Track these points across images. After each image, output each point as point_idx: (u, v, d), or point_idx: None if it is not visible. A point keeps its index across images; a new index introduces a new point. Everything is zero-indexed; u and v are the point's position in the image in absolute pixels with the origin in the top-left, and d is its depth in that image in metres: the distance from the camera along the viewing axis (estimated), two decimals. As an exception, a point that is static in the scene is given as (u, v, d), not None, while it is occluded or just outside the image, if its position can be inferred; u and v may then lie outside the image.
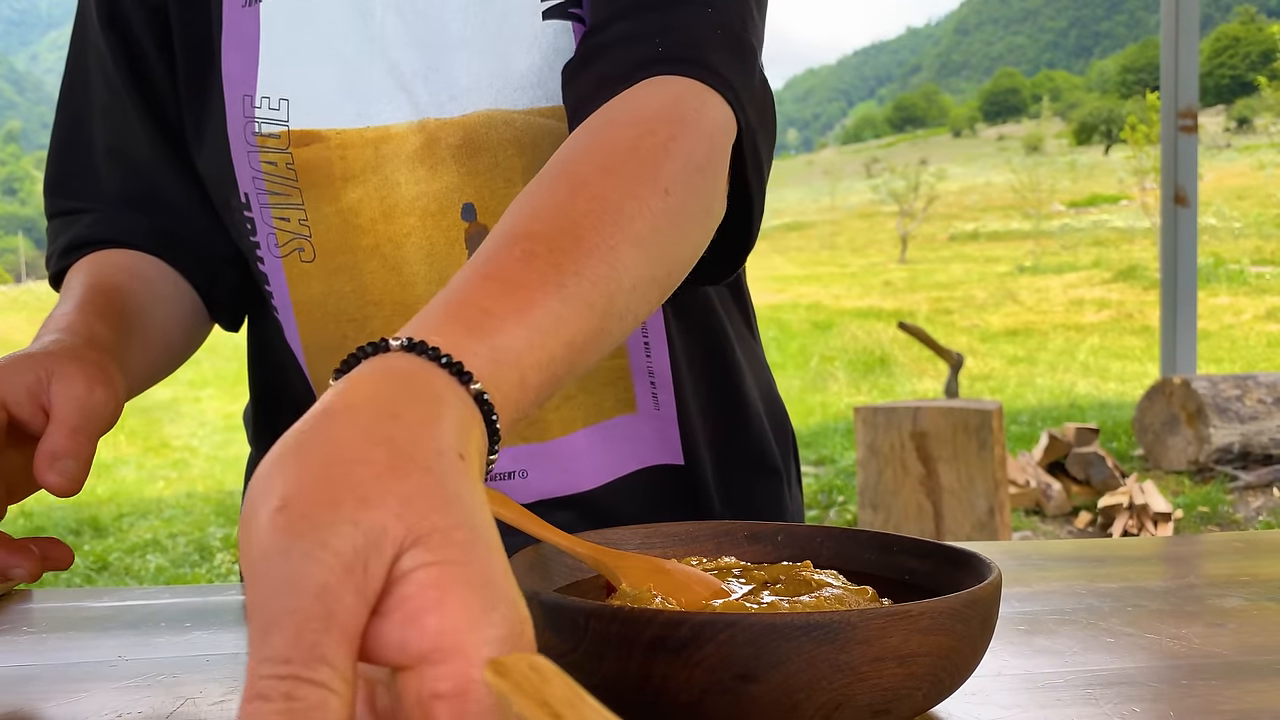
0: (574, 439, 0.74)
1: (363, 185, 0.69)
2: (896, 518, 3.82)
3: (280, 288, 0.73)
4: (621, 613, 0.42)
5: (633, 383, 0.74)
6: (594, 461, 0.74)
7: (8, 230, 64.09)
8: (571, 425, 0.73)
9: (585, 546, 0.54)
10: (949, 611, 0.43)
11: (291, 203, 0.70)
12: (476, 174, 0.69)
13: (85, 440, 0.59)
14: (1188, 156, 5.14)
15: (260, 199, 0.71)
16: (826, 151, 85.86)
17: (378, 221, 0.70)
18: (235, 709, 0.52)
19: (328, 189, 0.70)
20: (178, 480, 6.39)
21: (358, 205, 0.70)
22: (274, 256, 0.72)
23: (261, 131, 0.69)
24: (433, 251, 0.70)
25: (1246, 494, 4.91)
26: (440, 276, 0.71)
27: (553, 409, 0.73)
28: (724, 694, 0.41)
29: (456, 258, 0.70)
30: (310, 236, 0.71)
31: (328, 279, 0.72)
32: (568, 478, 0.74)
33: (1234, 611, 0.63)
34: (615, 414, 0.74)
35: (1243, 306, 12.77)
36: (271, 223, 0.71)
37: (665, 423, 0.75)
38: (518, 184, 0.69)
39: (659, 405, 0.75)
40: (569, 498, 0.74)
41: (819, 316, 14.42)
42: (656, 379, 0.74)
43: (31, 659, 0.60)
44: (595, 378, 0.73)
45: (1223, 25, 50.21)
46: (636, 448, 0.75)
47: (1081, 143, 38.18)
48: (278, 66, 0.69)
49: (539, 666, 0.29)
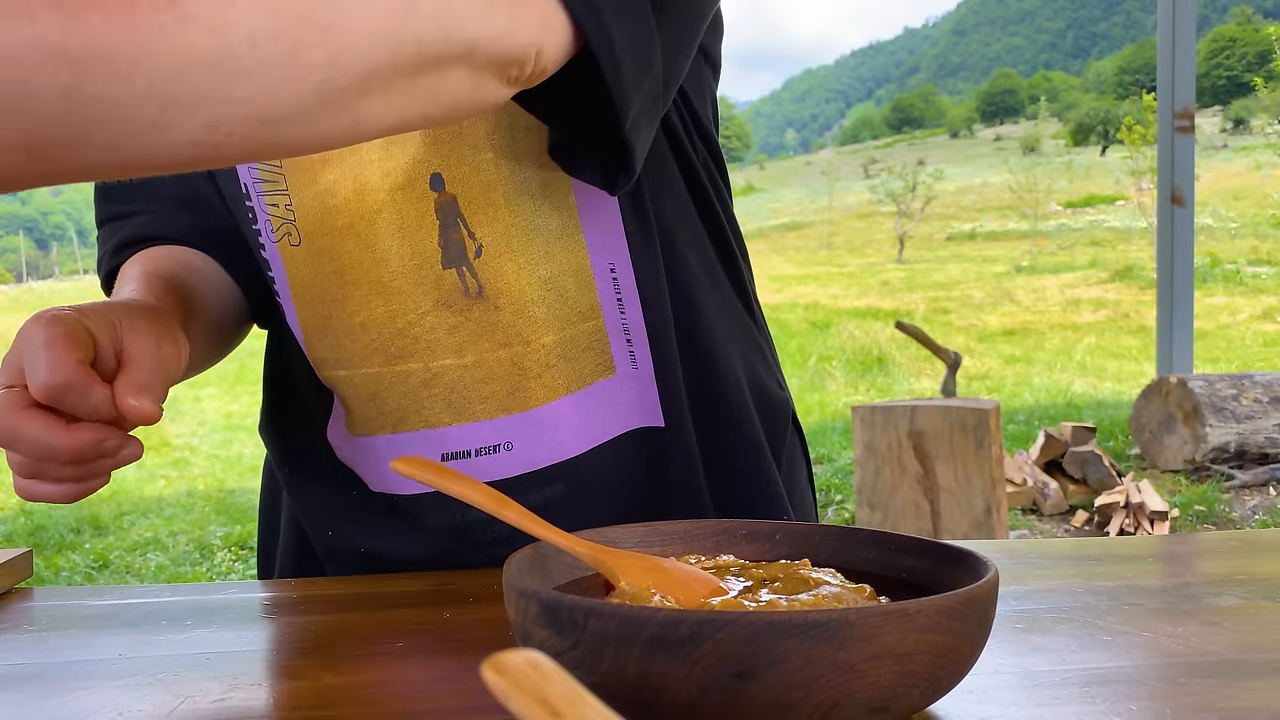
0: (556, 406, 0.74)
1: (338, 166, 0.70)
2: (894, 516, 3.82)
3: (279, 272, 0.75)
4: (620, 611, 0.43)
5: (609, 344, 0.75)
6: (577, 428, 0.75)
7: (9, 230, 63.91)
8: (554, 393, 0.74)
9: (584, 545, 0.55)
10: (946, 610, 0.43)
11: (278, 189, 0.72)
12: (442, 143, 0.70)
13: (160, 383, 0.60)
14: (1184, 157, 5.15)
15: (256, 187, 0.73)
16: (824, 152, 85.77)
17: (351, 200, 0.71)
18: (235, 706, 0.52)
19: (308, 172, 0.71)
20: (178, 479, 6.39)
21: (333, 186, 0.71)
22: (271, 242, 0.74)
23: None
24: (404, 225, 0.71)
25: (1242, 493, 4.92)
26: (412, 251, 0.71)
27: (533, 379, 0.73)
28: (722, 692, 0.41)
29: (427, 230, 0.71)
30: (295, 220, 0.72)
31: (312, 261, 0.73)
32: (553, 447, 0.74)
33: (1230, 610, 0.64)
34: (595, 379, 0.75)
35: (1239, 306, 12.78)
36: (266, 210, 0.73)
37: (644, 383, 0.76)
38: (484, 150, 0.70)
39: (636, 364, 0.76)
40: (556, 468, 0.75)
41: (817, 316, 14.41)
42: (632, 335, 0.75)
43: (32, 657, 0.60)
44: (575, 344, 0.74)
45: (1219, 26, 50.23)
46: (618, 412, 0.76)
47: (1078, 143, 38.20)
48: None
49: (538, 664, 0.29)
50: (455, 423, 0.74)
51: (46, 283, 30.01)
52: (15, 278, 33.21)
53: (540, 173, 0.71)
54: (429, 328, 0.72)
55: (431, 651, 0.59)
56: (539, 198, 0.72)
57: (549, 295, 0.73)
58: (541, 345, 0.73)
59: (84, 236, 55.99)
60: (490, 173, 0.70)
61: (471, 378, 0.73)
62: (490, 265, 0.71)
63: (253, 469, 6.42)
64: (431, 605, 0.68)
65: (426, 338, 0.72)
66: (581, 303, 0.74)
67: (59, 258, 46.72)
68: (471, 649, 0.60)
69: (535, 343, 0.73)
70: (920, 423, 3.76)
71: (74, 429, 0.58)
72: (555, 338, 0.73)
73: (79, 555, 4.69)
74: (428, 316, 0.72)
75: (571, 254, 0.73)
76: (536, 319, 0.73)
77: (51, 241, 61.13)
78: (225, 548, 4.76)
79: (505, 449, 0.74)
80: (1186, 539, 0.87)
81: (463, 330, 0.72)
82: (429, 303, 0.72)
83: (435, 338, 0.72)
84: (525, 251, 0.72)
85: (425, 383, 0.73)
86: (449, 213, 0.71)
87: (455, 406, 0.73)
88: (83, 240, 53.22)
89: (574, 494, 0.75)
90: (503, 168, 0.70)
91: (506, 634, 0.61)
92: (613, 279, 0.74)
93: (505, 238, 0.71)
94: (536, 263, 0.72)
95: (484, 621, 0.64)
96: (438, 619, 0.65)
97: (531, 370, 0.73)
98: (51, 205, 73.30)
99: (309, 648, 0.62)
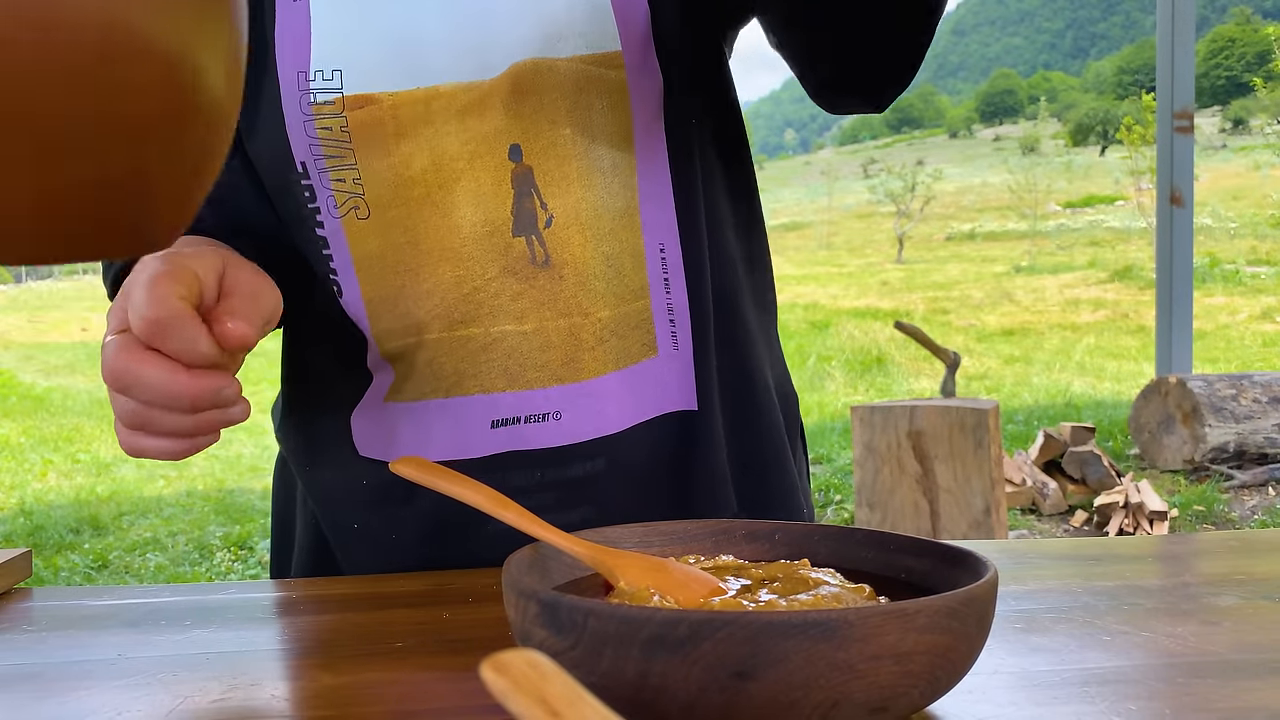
0: (605, 381, 0.76)
1: (414, 139, 0.73)
2: (893, 516, 3.82)
3: (340, 248, 0.76)
4: (619, 611, 0.43)
5: (654, 324, 0.78)
6: (622, 405, 0.77)
7: (4, 229, 64.04)
8: (604, 367, 0.76)
9: (583, 545, 0.55)
10: (945, 610, 0.43)
11: (346, 164, 0.73)
12: (523, 117, 0.72)
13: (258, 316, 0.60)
14: (1183, 157, 5.15)
15: (318, 164, 0.74)
16: (824, 152, 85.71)
17: (428, 171, 0.73)
18: (234, 707, 0.53)
19: (380, 146, 0.73)
20: (177, 479, 6.38)
21: (409, 158, 0.73)
22: (333, 218, 0.75)
23: (317, 100, 0.73)
24: (480, 193, 0.73)
25: (1241, 493, 4.92)
26: (485, 218, 0.73)
27: (587, 351, 0.76)
28: (721, 692, 0.41)
29: (502, 198, 0.73)
30: (364, 194, 0.74)
31: (383, 233, 0.74)
32: (598, 420, 0.76)
33: (1229, 610, 0.64)
34: (640, 358, 0.78)
35: (1238, 306, 12.79)
36: (330, 186, 0.74)
37: (683, 365, 0.79)
38: (563, 127, 0.73)
39: (678, 345, 0.78)
40: (599, 442, 0.76)
41: (816, 316, 14.41)
42: (676, 316, 0.78)
43: (31, 657, 0.60)
44: (626, 321, 0.77)
45: (1219, 26, 50.24)
46: (657, 393, 0.78)
47: (1078, 143, 38.18)
48: (329, 44, 0.73)
49: (537, 664, 0.29)
50: (509, 389, 0.75)
51: (45, 283, 29.99)
52: (14, 278, 33.20)
53: (611, 152, 0.75)
54: (493, 293, 0.74)
55: (431, 651, 0.59)
56: (608, 175, 0.75)
57: (608, 271, 0.75)
58: (598, 319, 0.76)
59: (83, 236, 55.97)
60: (566, 148, 0.73)
61: (530, 345, 0.75)
62: (559, 236, 0.74)
63: (252, 469, 6.42)
64: (431, 605, 0.68)
65: (490, 303, 0.74)
66: (634, 281, 0.77)
67: (58, 258, 46.91)
68: (471, 649, 0.60)
69: (593, 315, 0.75)
70: (919, 423, 3.77)
71: (194, 373, 0.57)
72: (610, 313, 0.76)
73: (78, 555, 4.69)
74: (493, 282, 0.74)
75: (631, 233, 0.76)
76: (596, 292, 0.75)
77: (50, 241, 61.33)
78: (224, 548, 4.76)
79: (554, 418, 0.76)
80: (1185, 539, 0.87)
81: (526, 297, 0.74)
82: (496, 269, 0.74)
83: (499, 304, 0.74)
84: (592, 226, 0.74)
85: (484, 347, 0.75)
86: (524, 183, 0.73)
87: (511, 373, 0.75)
88: (82, 240, 53.28)
89: (613, 470, 0.77)
90: (578, 144, 0.73)
91: (506, 634, 0.61)
92: (661, 259, 0.77)
93: (575, 211, 0.74)
94: (601, 238, 0.75)
95: (483, 621, 0.64)
96: (437, 619, 0.65)
97: (587, 342, 0.75)
98: (50, 205, 73.56)
99: (308, 648, 0.62)
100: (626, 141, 0.75)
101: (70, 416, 8.40)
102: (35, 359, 11.46)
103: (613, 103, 0.74)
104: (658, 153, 0.76)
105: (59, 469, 6.64)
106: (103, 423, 8.03)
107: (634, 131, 0.75)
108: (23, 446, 7.37)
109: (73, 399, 9.12)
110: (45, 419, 8.31)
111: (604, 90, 0.73)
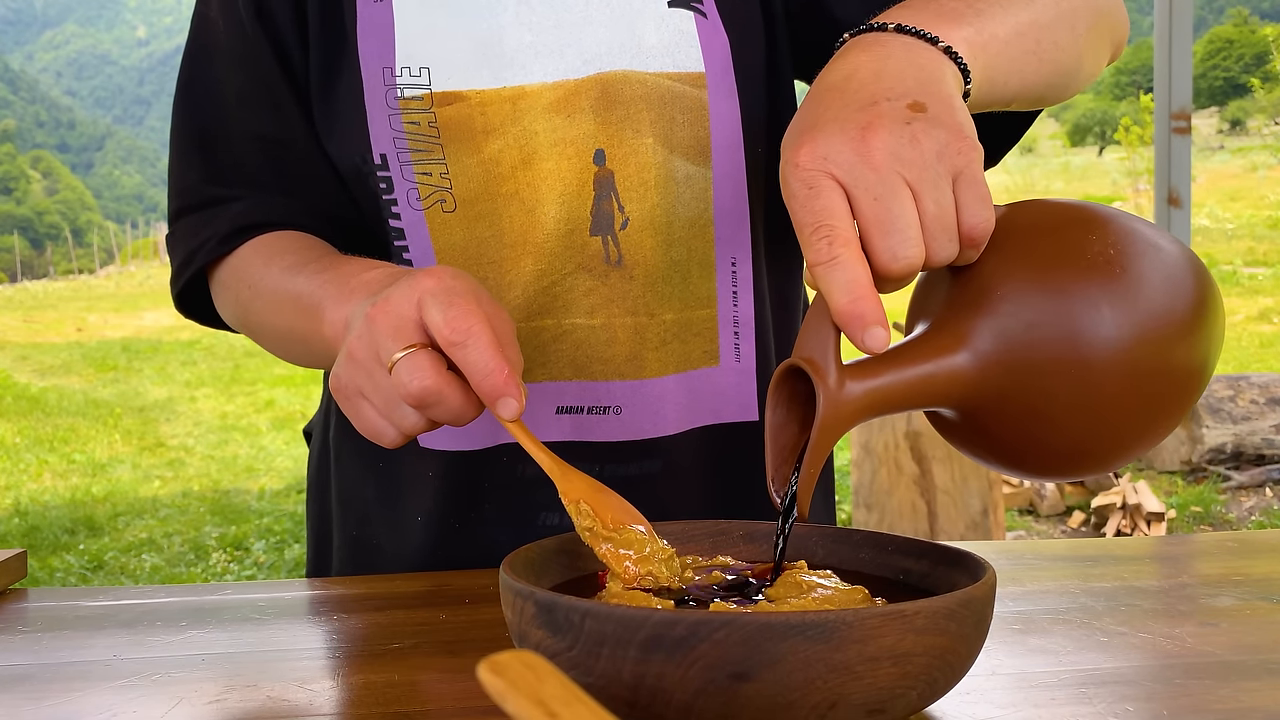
0: (665, 382, 0.79)
1: (502, 137, 0.76)
2: (891, 517, 3.83)
3: (421, 239, 0.78)
4: (616, 611, 0.42)
5: (718, 334, 0.80)
6: (679, 407, 0.79)
7: (3, 229, 63.81)
8: (665, 368, 0.79)
9: (545, 453, 0.59)
10: (943, 611, 0.43)
11: (433, 158, 0.76)
12: (609, 124, 0.76)
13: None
14: (1181, 158, 5.16)
15: (402, 157, 0.76)
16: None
17: (517, 168, 0.76)
18: (231, 708, 0.52)
19: (469, 142, 0.76)
20: (173, 480, 6.37)
21: (498, 155, 0.76)
22: (415, 210, 0.77)
23: (404, 95, 0.76)
24: (565, 192, 0.76)
25: (1239, 494, 4.93)
26: (568, 216, 0.76)
27: (651, 350, 0.78)
28: (718, 693, 0.41)
29: (585, 198, 0.77)
30: (451, 188, 0.77)
31: (468, 226, 0.77)
32: (655, 421, 0.79)
33: (1227, 611, 0.64)
34: (700, 365, 0.80)
35: (1236, 308, 12.81)
36: (414, 179, 0.77)
37: (745, 377, 0.81)
38: (646, 136, 0.76)
39: (740, 357, 0.81)
40: (657, 442, 0.79)
41: (813, 317, 14.39)
42: (740, 328, 0.81)
43: (26, 658, 0.60)
44: (689, 328, 0.79)
45: (1216, 27, 50.33)
46: (714, 401, 0.81)
47: (1075, 144, 38.21)
48: (414, 44, 0.76)
49: (534, 665, 0.29)
50: (575, 379, 0.78)
51: (41, 283, 29.95)
52: (9, 278, 33.14)
53: (687, 164, 0.78)
54: (568, 288, 0.77)
55: (428, 652, 0.59)
56: (683, 186, 0.78)
57: (675, 275, 0.79)
58: (663, 320, 0.79)
59: (79, 236, 55.86)
60: (647, 156, 0.77)
61: (597, 339, 0.78)
62: (633, 238, 0.77)
63: (248, 470, 6.41)
64: (428, 606, 0.68)
65: (565, 297, 0.77)
66: (701, 290, 0.80)
67: (53, 258, 46.70)
68: (468, 650, 0.59)
69: (658, 316, 0.78)
70: (917, 423, 3.77)
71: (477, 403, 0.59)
72: (675, 317, 0.79)
73: (73, 556, 4.68)
74: (569, 278, 0.77)
75: (702, 243, 0.79)
76: (663, 295, 0.78)
77: (46, 241, 60.98)
78: (220, 549, 4.75)
79: (614, 412, 0.79)
80: (1183, 540, 0.87)
81: (597, 293, 0.77)
82: (572, 265, 0.77)
83: (572, 298, 0.77)
84: (665, 232, 0.78)
85: (555, 338, 0.78)
86: (605, 186, 0.77)
87: (578, 363, 0.78)
88: (78, 240, 53.09)
89: (669, 472, 0.80)
90: (658, 153, 0.77)
91: (503, 635, 0.61)
92: (732, 271, 0.80)
93: (650, 216, 0.77)
94: (672, 244, 0.78)
95: (480, 622, 0.64)
96: (434, 620, 0.65)
97: (651, 342, 0.78)
98: (46, 205, 73.16)
99: (305, 649, 0.62)
100: (704, 156, 0.78)
101: (65, 417, 8.38)
102: (30, 359, 11.43)
103: (693, 118, 0.78)
104: (736, 168, 0.79)
105: (54, 469, 6.63)
106: (98, 423, 8.02)
107: (712, 147, 0.78)
108: (17, 447, 7.35)
109: (68, 399, 9.10)
110: (40, 419, 8.28)
111: (686, 106, 0.77)
